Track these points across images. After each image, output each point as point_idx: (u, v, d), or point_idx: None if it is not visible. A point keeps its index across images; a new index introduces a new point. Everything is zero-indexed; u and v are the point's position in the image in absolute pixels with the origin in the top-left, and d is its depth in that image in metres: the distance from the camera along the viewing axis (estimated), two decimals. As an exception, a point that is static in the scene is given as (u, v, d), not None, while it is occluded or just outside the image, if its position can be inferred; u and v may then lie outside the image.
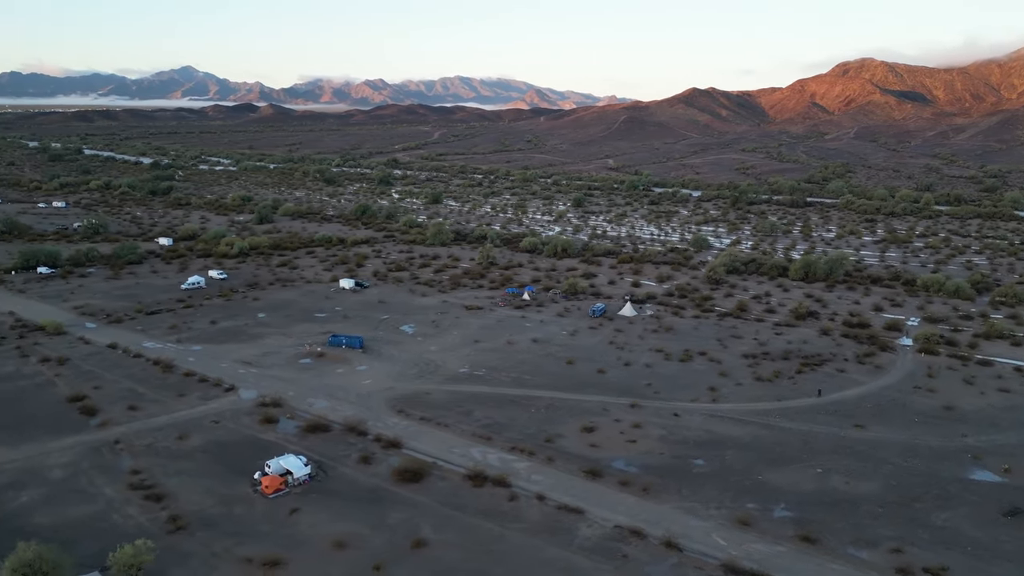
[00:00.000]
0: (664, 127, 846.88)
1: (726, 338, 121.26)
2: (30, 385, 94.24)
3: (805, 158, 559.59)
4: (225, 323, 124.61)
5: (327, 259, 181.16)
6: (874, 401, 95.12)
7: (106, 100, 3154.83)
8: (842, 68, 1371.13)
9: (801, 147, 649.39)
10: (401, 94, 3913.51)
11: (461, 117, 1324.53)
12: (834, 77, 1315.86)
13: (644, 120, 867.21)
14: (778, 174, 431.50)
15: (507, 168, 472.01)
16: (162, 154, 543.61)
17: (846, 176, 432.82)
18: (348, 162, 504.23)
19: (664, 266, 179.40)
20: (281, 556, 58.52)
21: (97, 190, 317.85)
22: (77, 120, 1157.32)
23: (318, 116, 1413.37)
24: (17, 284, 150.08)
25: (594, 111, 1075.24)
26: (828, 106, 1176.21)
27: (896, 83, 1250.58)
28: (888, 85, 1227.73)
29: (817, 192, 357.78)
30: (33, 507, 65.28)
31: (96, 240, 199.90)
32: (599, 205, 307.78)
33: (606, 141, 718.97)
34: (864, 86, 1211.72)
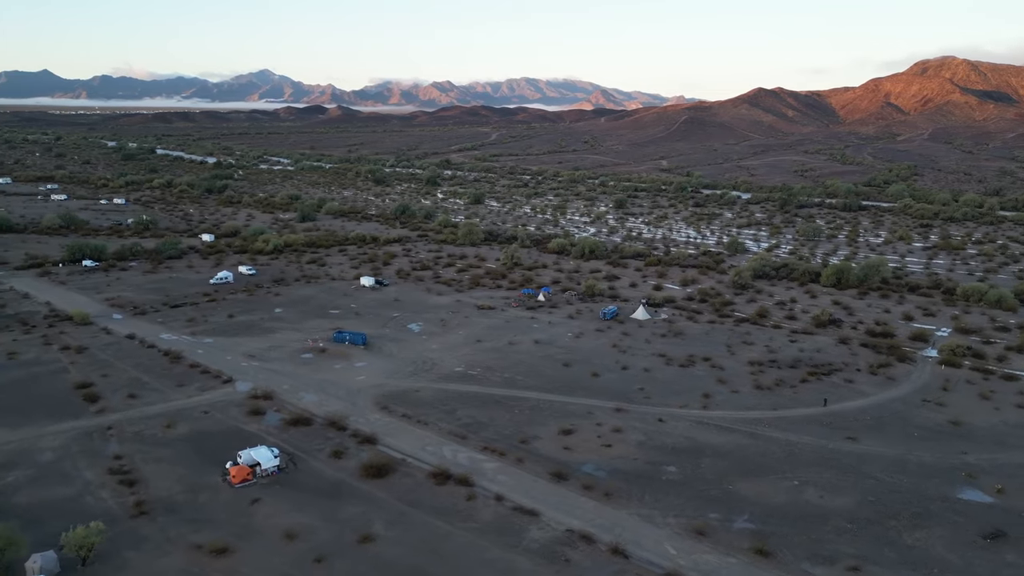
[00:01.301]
0: (726, 128, 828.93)
1: (736, 344, 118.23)
2: (45, 371, 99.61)
3: (871, 160, 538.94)
4: (242, 317, 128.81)
5: (357, 257, 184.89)
6: (875, 413, 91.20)
7: (188, 102, 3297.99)
8: (921, 66, 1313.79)
9: (869, 149, 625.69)
10: (467, 96, 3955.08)
11: (522, 118, 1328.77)
12: (911, 76, 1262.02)
13: (705, 121, 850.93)
14: (837, 177, 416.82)
15: (557, 169, 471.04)
16: (228, 154, 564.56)
17: (911, 179, 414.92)
18: (402, 162, 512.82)
19: (691, 269, 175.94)
20: (230, 544, 60.26)
21: (158, 188, 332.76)
22: (157, 121, 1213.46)
23: (383, 118, 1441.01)
24: (61, 276, 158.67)
25: (655, 112, 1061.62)
26: (903, 106, 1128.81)
27: (979, 82, 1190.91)
28: (970, 84, 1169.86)
29: (875, 196, 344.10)
30: (17, 487, 69.06)
31: (145, 236, 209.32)
32: (642, 207, 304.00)
33: (664, 142, 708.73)
34: (943, 85, 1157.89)
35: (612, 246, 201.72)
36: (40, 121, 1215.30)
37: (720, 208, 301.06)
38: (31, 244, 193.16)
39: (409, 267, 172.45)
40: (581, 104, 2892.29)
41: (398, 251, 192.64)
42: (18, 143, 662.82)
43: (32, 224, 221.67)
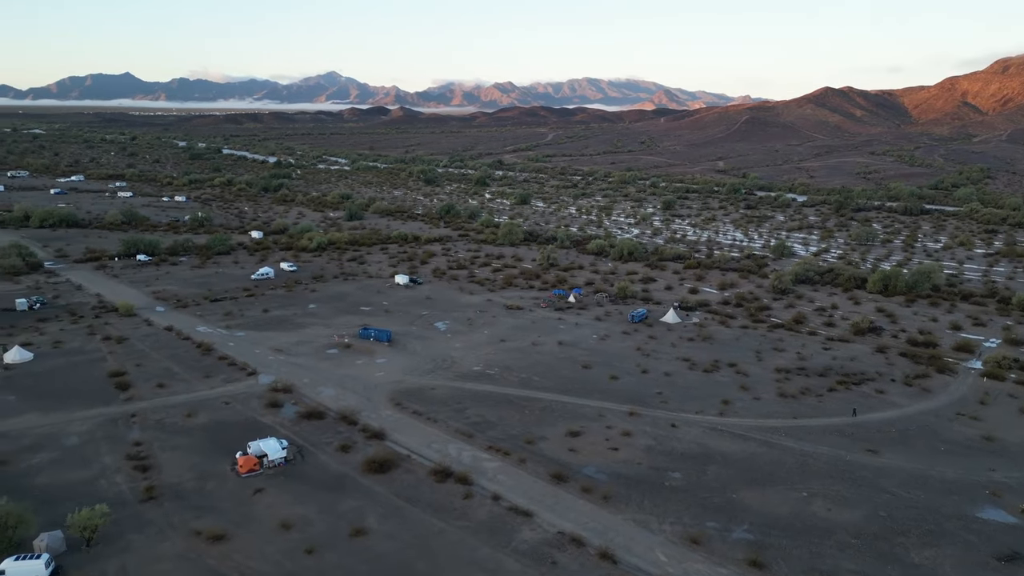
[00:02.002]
0: (789, 128, 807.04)
1: (766, 350, 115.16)
2: (85, 360, 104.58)
3: (941, 162, 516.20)
4: (276, 312, 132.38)
5: (396, 256, 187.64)
6: (903, 426, 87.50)
7: (259, 104, 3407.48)
8: (1002, 64, 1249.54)
9: (941, 150, 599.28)
10: (528, 96, 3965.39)
11: (581, 119, 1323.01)
12: (991, 74, 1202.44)
13: (767, 121, 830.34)
14: (902, 179, 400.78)
15: (609, 170, 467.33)
16: (289, 154, 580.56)
17: (982, 183, 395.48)
18: (455, 163, 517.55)
19: (732, 273, 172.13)
20: (228, 532, 62.13)
21: (218, 186, 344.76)
22: (227, 122, 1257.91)
23: (442, 119, 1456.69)
24: (115, 269, 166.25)
25: (716, 112, 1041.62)
26: (981, 106, 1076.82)
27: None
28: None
29: (941, 199, 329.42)
30: (40, 468, 72.79)
31: (199, 232, 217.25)
32: (690, 209, 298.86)
33: (723, 143, 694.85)
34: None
35: (653, 248, 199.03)
36: (120, 122, 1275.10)
37: (772, 211, 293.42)
38: (92, 239, 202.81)
39: (446, 266, 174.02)
40: (643, 104, 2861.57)
41: (437, 250, 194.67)
42: (96, 143, 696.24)
43: (96, 220, 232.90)
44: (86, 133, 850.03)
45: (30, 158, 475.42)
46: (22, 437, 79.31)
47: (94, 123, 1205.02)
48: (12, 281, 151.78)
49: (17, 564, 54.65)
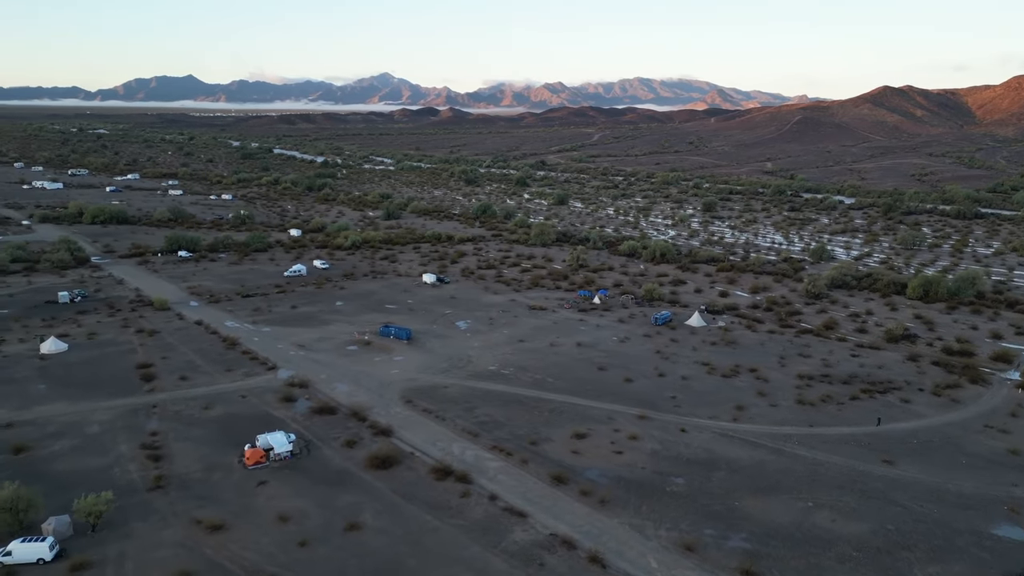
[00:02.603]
0: (844, 128, 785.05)
1: (791, 356, 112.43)
2: (116, 352, 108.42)
3: (1003, 164, 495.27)
4: (304, 308, 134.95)
5: (428, 255, 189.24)
6: (925, 437, 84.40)
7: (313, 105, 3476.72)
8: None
9: (1004, 152, 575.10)
10: (579, 97, 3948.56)
11: (630, 119, 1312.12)
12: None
13: (820, 121, 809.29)
14: (959, 182, 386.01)
15: (653, 171, 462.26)
16: (337, 154, 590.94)
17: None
18: (498, 163, 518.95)
19: (765, 276, 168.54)
20: (227, 522, 63.66)
21: (265, 185, 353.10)
22: (281, 123, 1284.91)
23: (490, 119, 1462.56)
24: (157, 264, 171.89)
25: (768, 112, 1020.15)
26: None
27: None
28: None
29: (998, 203, 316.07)
30: (60, 455, 75.78)
31: (240, 229, 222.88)
32: (732, 210, 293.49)
33: (773, 143, 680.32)
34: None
35: (686, 250, 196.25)
36: (180, 122, 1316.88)
37: (817, 213, 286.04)
38: (139, 235, 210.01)
39: (475, 266, 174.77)
40: (695, 105, 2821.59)
41: (469, 250, 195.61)
42: (155, 142, 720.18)
43: (145, 217, 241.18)
44: (147, 133, 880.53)
45: (91, 157, 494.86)
46: (48, 424, 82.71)
47: (156, 123, 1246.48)
48: (59, 275, 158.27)
49: (23, 546, 57.03)
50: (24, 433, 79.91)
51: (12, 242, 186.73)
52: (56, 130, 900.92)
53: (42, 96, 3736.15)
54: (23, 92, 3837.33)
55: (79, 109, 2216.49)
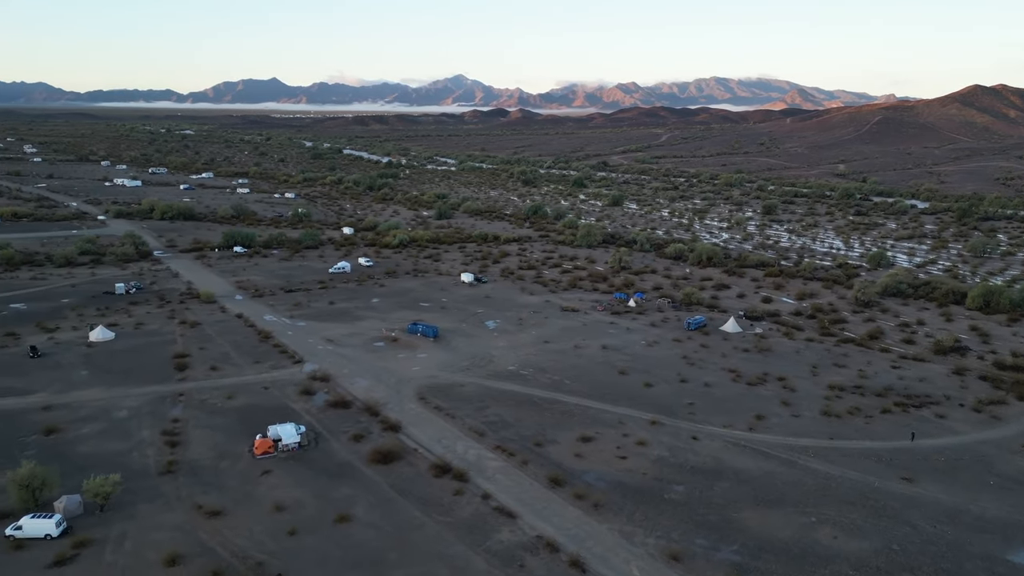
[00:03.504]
0: (928, 129, 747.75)
1: (825, 366, 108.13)
2: (158, 341, 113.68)
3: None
4: (341, 304, 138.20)
5: (472, 254, 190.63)
6: (955, 455, 79.84)
7: (389, 106, 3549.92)
8: None
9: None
10: (652, 97, 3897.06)
11: (702, 119, 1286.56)
12: None
13: (902, 122, 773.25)
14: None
15: (717, 172, 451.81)
16: (403, 154, 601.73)
17: None
18: (559, 164, 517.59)
19: (815, 283, 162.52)
20: (225, 508, 65.97)
21: (328, 184, 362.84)
22: (355, 124, 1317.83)
23: (559, 120, 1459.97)
24: (212, 259, 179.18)
25: (847, 112, 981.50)
26: None
27: None
28: None
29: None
30: (86, 438, 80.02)
31: (297, 226, 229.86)
32: (794, 214, 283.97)
33: (850, 145, 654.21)
34: None
35: (736, 254, 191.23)
36: (261, 123, 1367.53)
37: (885, 218, 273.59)
38: (202, 231, 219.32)
39: (516, 266, 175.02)
40: (774, 104, 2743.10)
41: (514, 250, 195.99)
42: (235, 143, 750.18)
43: (210, 213, 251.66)
44: (228, 134, 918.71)
45: (172, 156, 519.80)
46: (81, 408, 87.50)
47: (239, 125, 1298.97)
48: (121, 267, 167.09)
49: (33, 521, 60.61)
50: (58, 415, 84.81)
51: (84, 236, 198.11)
52: (146, 131, 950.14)
53: (138, 99, 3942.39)
54: (121, 95, 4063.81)
55: (171, 111, 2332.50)
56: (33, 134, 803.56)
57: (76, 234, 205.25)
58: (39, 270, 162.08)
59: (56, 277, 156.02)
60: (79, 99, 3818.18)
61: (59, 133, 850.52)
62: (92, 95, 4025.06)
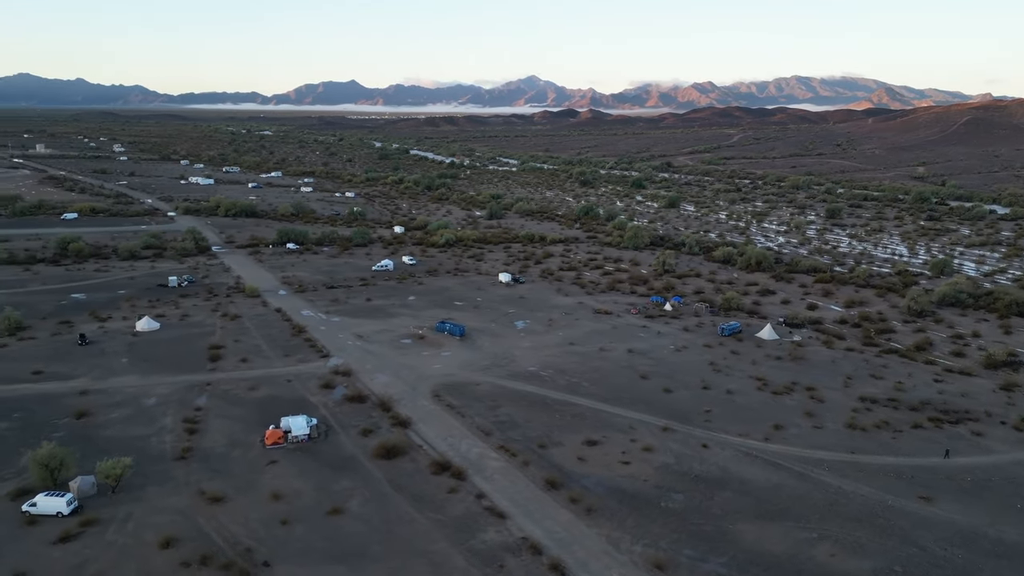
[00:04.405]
0: (1021, 131, 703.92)
1: (861, 377, 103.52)
2: (198, 332, 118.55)
3: None
4: (377, 301, 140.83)
5: (516, 255, 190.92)
6: (984, 474, 75.22)
7: (462, 108, 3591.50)
8: None
9: None
10: (729, 96, 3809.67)
11: (778, 119, 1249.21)
12: None
13: (994, 122, 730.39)
14: None
15: (786, 174, 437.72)
16: (467, 155, 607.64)
17: None
18: (621, 164, 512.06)
19: (868, 290, 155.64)
20: (227, 495, 68.31)
21: (389, 184, 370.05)
22: (426, 125, 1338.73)
23: (630, 120, 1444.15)
24: (265, 255, 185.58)
25: (934, 112, 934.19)
26: None
27: None
28: None
29: None
30: (114, 422, 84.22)
31: (352, 225, 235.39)
32: (860, 218, 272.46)
33: (932, 146, 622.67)
34: None
35: (789, 259, 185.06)
36: (337, 125, 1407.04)
37: (959, 223, 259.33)
38: (261, 228, 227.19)
39: (557, 267, 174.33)
40: (859, 104, 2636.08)
41: (558, 251, 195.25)
42: (309, 143, 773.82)
43: (272, 211, 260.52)
44: (304, 135, 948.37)
45: (247, 156, 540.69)
46: (115, 394, 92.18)
47: (315, 126, 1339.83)
48: (179, 261, 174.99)
49: (46, 499, 64.29)
50: (92, 400, 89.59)
51: (150, 231, 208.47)
52: (228, 131, 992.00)
53: (226, 101, 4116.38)
54: (210, 97, 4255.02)
55: (254, 112, 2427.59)
56: (124, 134, 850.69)
57: (144, 229, 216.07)
58: (104, 263, 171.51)
59: (118, 269, 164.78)
60: (172, 101, 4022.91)
61: (148, 133, 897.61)
62: (184, 97, 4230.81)
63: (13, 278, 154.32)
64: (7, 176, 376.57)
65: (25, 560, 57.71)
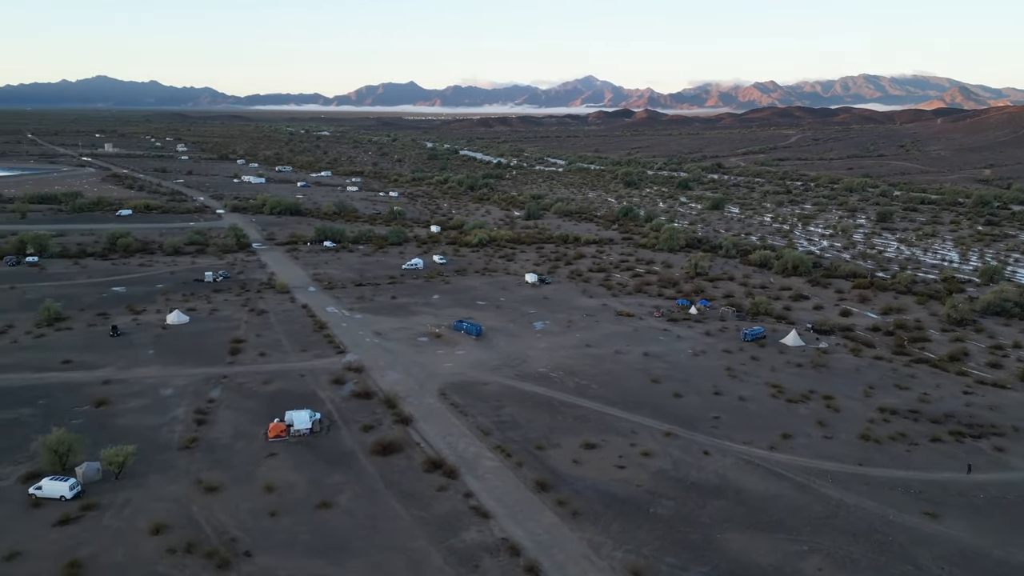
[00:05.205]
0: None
1: (884, 387, 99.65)
2: (224, 326, 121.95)
3: None
4: (402, 299, 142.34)
5: (548, 255, 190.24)
6: (999, 492, 71.56)
7: (518, 108, 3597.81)
8: None
9: None
10: (792, 96, 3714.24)
11: (841, 120, 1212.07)
12: None
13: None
14: None
15: (842, 175, 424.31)
16: (516, 155, 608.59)
17: None
18: (670, 165, 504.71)
19: (908, 296, 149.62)
20: (223, 485, 70.09)
21: (433, 184, 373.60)
22: (479, 126, 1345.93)
23: (687, 120, 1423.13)
24: (302, 252, 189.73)
25: (1007, 112, 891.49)
26: None
27: None
28: None
29: None
30: (129, 411, 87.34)
31: (391, 224, 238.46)
32: (913, 222, 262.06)
33: (1004, 148, 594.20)
34: None
35: (829, 263, 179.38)
36: (393, 125, 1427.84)
37: (1020, 229, 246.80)
38: (303, 226, 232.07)
39: (587, 268, 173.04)
40: (929, 104, 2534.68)
41: (591, 252, 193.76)
42: (363, 143, 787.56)
43: (315, 209, 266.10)
44: (360, 135, 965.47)
45: (301, 156, 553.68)
46: (135, 384, 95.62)
47: (372, 126, 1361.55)
48: (219, 257, 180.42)
49: (51, 483, 67.14)
50: (114, 389, 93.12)
51: (196, 228, 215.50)
52: (286, 132, 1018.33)
53: (289, 102, 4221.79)
54: (275, 98, 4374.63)
55: (316, 113, 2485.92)
56: (189, 134, 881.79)
57: (192, 226, 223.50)
58: (149, 258, 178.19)
59: (161, 264, 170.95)
60: (238, 103, 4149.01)
61: (211, 134, 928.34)
62: (250, 99, 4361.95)
63: (63, 271, 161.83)
64: (74, 174, 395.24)
65: (23, 540, 60.38)
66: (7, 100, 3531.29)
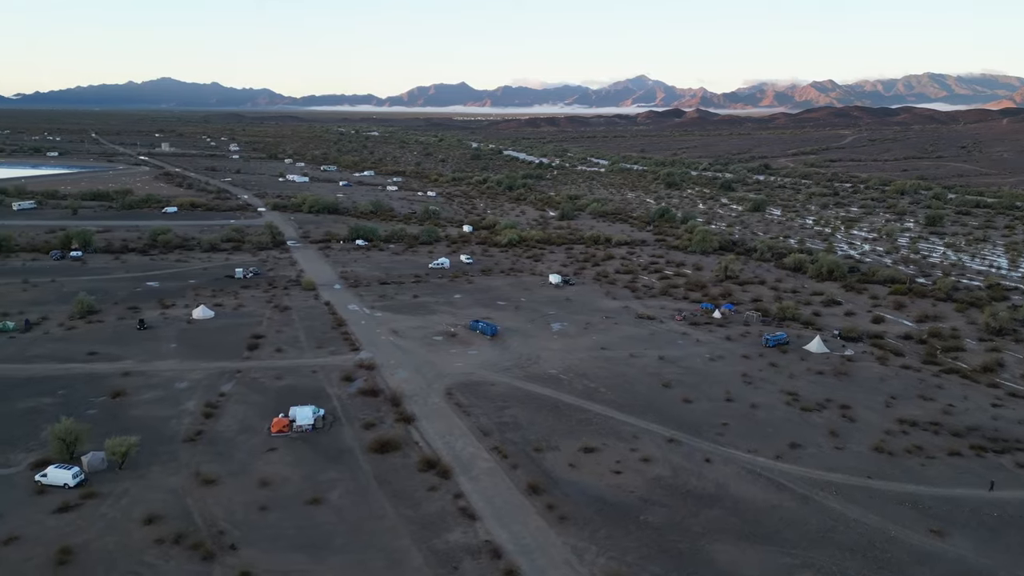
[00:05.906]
0: None
1: (908, 397, 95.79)
2: (247, 322, 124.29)
3: None
4: (423, 298, 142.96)
5: (577, 256, 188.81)
6: (1016, 511, 67.95)
7: (568, 108, 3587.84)
8: None
9: None
10: (851, 95, 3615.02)
11: (901, 120, 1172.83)
12: None
13: None
14: None
15: (895, 178, 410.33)
16: (559, 155, 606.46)
17: None
18: (715, 166, 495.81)
19: (948, 304, 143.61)
20: (220, 478, 71.36)
21: (473, 184, 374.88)
22: (526, 126, 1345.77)
23: (739, 120, 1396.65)
24: (333, 250, 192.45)
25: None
26: None
27: None
28: None
29: None
30: (143, 403, 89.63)
31: (426, 223, 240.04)
32: (965, 226, 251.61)
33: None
34: None
35: (867, 268, 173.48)
36: (442, 126, 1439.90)
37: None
38: (339, 224, 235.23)
39: (614, 270, 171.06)
40: (999, 103, 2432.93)
41: (621, 253, 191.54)
42: (409, 144, 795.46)
43: (353, 208, 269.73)
44: (407, 135, 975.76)
45: (347, 156, 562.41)
46: (153, 377, 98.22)
47: (421, 127, 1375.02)
48: (253, 254, 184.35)
49: (56, 471, 69.34)
50: (132, 381, 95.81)
51: (235, 225, 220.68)
52: (336, 132, 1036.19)
53: (343, 103, 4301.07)
54: (330, 99, 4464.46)
55: (368, 114, 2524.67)
56: (244, 134, 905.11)
57: (231, 223, 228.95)
58: (187, 254, 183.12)
59: (196, 260, 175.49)
60: (295, 103, 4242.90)
61: (264, 134, 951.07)
62: (305, 99, 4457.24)
63: (103, 265, 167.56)
64: (129, 172, 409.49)
65: (22, 525, 62.48)
66: (76, 101, 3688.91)
